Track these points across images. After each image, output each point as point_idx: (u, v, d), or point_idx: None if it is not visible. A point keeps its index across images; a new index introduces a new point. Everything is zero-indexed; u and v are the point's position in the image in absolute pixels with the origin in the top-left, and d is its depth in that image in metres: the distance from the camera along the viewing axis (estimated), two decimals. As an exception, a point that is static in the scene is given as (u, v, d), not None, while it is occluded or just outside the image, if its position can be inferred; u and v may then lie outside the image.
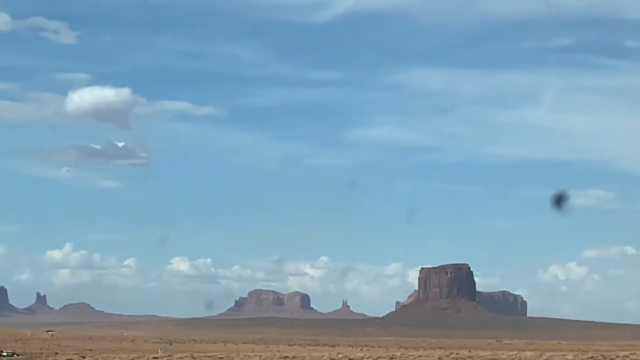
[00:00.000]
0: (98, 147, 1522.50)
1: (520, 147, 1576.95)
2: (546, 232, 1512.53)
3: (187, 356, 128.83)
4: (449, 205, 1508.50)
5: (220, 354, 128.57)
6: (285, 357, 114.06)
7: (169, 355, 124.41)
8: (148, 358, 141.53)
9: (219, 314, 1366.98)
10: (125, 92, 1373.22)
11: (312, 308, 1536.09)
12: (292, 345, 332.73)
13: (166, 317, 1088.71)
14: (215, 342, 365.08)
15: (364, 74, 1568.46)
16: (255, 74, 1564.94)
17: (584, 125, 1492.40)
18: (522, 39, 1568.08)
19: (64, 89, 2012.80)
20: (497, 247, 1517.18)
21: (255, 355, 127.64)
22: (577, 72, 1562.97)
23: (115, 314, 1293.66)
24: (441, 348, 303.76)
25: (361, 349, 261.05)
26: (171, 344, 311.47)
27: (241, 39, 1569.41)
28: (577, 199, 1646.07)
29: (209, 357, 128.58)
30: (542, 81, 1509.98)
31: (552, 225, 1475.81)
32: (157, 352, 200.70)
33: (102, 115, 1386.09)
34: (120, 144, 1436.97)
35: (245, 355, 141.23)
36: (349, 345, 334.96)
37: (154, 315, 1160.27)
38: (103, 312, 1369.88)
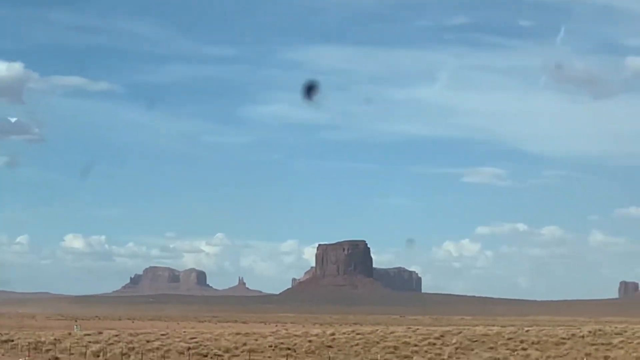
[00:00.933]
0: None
1: (416, 124, 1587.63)
2: (440, 209, 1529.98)
3: (119, 334, 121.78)
4: (345, 182, 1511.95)
5: (161, 331, 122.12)
6: (238, 332, 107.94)
7: (100, 333, 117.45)
8: (70, 334, 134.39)
9: (113, 291, 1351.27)
10: (17, 67, 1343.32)
11: (208, 285, 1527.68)
12: (202, 322, 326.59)
13: (60, 295, 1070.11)
14: (120, 319, 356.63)
15: (261, 50, 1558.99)
16: (151, 50, 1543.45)
17: (478, 104, 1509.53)
18: (418, 18, 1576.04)
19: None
20: (392, 223, 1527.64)
21: (197, 332, 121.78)
22: (472, 51, 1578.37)
23: (6, 291, 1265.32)
24: (356, 324, 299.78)
25: (277, 326, 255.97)
26: (76, 321, 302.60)
27: (137, 14, 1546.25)
28: (471, 176, 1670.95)
29: (147, 334, 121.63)
30: (437, 59, 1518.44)
31: (446, 202, 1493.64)
32: (72, 329, 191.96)
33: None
34: (13, 119, 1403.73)
35: (184, 332, 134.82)
36: (261, 322, 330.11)
37: (47, 293, 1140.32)
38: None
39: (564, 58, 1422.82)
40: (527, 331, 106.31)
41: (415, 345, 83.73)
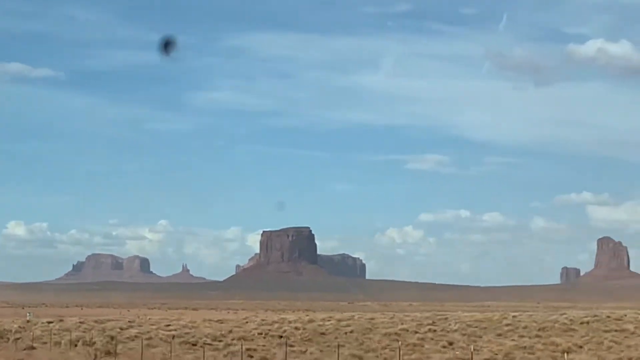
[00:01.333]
0: None
1: (360, 112, 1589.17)
2: (384, 195, 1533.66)
3: (82, 322, 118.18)
4: (289, 169, 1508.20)
5: (127, 318, 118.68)
6: (211, 319, 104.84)
7: (61, 320, 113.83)
8: (29, 321, 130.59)
9: (56, 279, 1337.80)
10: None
11: (151, 272, 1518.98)
12: (152, 309, 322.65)
13: (2, 282, 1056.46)
14: (67, 307, 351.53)
15: (204, 37, 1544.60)
16: (94, 36, 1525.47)
17: (422, 91, 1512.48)
18: (362, 4, 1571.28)
19: None
20: (336, 210, 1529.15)
21: (163, 318, 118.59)
22: (416, 38, 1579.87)
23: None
24: (308, 310, 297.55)
25: (237, 312, 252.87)
26: (23, 308, 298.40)
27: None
28: (415, 163, 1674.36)
29: (114, 321, 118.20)
30: (381, 46, 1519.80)
31: (390, 189, 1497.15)
32: (25, 317, 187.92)
33: None
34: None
35: (149, 318, 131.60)
36: (211, 309, 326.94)
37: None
38: None
39: (506, 45, 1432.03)
40: (514, 317, 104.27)
41: (416, 332, 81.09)
